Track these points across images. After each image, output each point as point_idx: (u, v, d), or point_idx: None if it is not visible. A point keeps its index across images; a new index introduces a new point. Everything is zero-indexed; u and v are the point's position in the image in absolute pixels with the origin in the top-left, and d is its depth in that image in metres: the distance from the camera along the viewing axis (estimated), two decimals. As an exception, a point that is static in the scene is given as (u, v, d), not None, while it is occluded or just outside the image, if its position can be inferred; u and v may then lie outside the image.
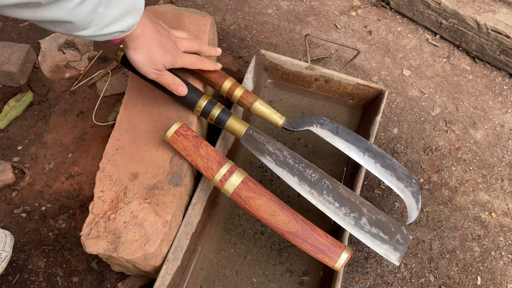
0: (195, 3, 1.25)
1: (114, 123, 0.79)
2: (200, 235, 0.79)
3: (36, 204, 0.89)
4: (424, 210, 0.91)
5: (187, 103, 0.74)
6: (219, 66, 0.77)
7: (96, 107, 1.01)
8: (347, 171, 0.88)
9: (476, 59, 1.15)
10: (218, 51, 0.78)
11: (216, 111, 0.73)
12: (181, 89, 0.70)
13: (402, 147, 1.00)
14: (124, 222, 0.66)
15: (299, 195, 0.86)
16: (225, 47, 1.15)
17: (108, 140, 0.74)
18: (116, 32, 0.53)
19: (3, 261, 0.78)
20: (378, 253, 0.80)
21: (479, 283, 0.83)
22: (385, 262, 0.84)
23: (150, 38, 0.60)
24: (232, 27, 1.20)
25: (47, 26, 0.48)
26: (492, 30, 1.06)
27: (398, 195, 0.91)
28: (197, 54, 0.74)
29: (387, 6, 1.26)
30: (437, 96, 1.08)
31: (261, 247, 0.80)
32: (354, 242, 0.86)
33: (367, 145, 0.75)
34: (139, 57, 0.61)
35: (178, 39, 0.70)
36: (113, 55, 1.11)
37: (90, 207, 0.68)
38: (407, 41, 1.19)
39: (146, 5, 1.21)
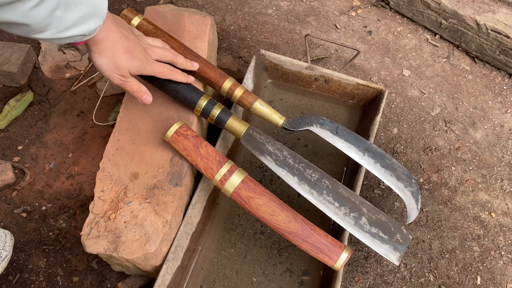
0: (195, 3, 1.25)
1: (114, 123, 0.79)
2: (200, 234, 0.79)
3: (37, 204, 0.89)
4: (423, 210, 0.91)
5: (187, 103, 0.74)
6: (191, 79, 0.74)
7: (96, 107, 1.01)
8: (347, 171, 0.89)
9: (475, 59, 1.15)
10: (195, 65, 0.75)
11: (216, 111, 0.73)
12: (146, 98, 0.69)
13: (402, 147, 1.00)
14: (124, 222, 0.66)
15: (299, 195, 0.86)
16: (225, 47, 1.15)
17: (108, 140, 0.74)
18: (76, 35, 0.52)
19: (3, 261, 0.78)
20: (378, 253, 0.80)
21: (478, 282, 0.83)
22: (385, 262, 0.85)
23: (115, 43, 0.58)
24: (232, 27, 1.20)
25: (3, 27, 0.46)
26: (491, 30, 1.06)
27: (398, 195, 0.91)
28: (171, 64, 0.72)
29: (387, 6, 1.26)
30: (436, 96, 1.08)
31: (261, 246, 0.81)
32: (354, 242, 0.86)
33: (367, 145, 0.75)
34: (103, 62, 0.60)
35: (150, 46, 0.67)
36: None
37: (90, 207, 0.68)
38: (407, 41, 1.19)
39: (146, 5, 1.22)
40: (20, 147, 0.96)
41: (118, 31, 0.59)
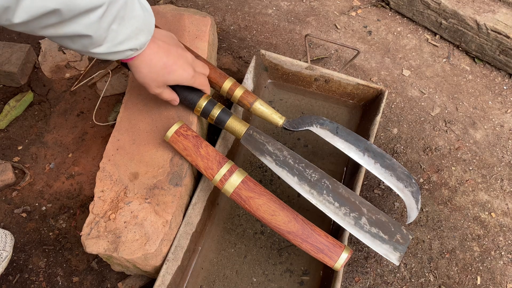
0: (195, 3, 1.25)
1: (114, 123, 0.80)
2: (200, 235, 0.79)
3: (37, 204, 0.89)
4: (423, 210, 0.91)
5: (187, 103, 0.74)
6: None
7: (96, 107, 1.01)
8: (347, 171, 0.89)
9: (475, 59, 1.15)
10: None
11: (216, 111, 0.73)
12: (175, 102, 0.72)
13: (402, 147, 1.00)
14: (124, 222, 0.66)
15: (299, 195, 0.86)
16: (225, 47, 1.15)
17: (108, 140, 0.74)
18: (128, 49, 0.55)
19: (4, 261, 0.78)
20: (378, 253, 0.80)
21: (478, 282, 0.83)
22: (385, 262, 0.85)
23: (151, 59, 0.61)
24: (232, 27, 1.20)
25: (65, 42, 0.50)
26: (491, 30, 1.06)
27: (398, 195, 0.91)
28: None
29: (387, 6, 1.26)
30: (436, 96, 1.08)
31: (261, 247, 0.81)
32: (354, 242, 0.86)
33: (367, 145, 0.75)
34: (140, 76, 0.62)
35: (194, 59, 0.69)
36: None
37: (91, 207, 0.68)
38: (407, 41, 1.19)
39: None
40: (20, 147, 0.96)
41: (156, 46, 0.61)
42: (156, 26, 0.79)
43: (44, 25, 0.45)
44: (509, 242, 0.88)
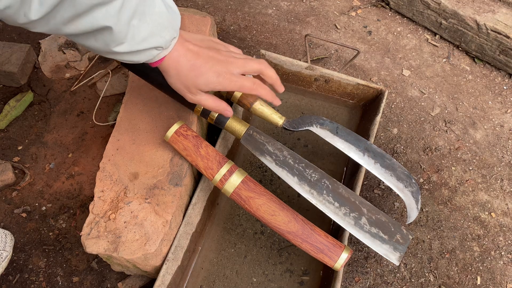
0: (195, 3, 1.25)
1: (114, 123, 0.79)
2: (200, 235, 0.79)
3: (37, 204, 0.89)
4: (423, 210, 0.91)
5: (187, 103, 0.74)
6: (277, 101, 0.68)
7: (96, 107, 1.01)
8: (347, 171, 0.89)
9: (475, 59, 1.15)
10: (281, 89, 0.70)
11: (216, 111, 0.73)
12: (226, 112, 0.66)
13: (402, 147, 1.00)
14: (124, 222, 0.66)
15: (299, 195, 0.86)
16: (225, 47, 1.15)
17: (108, 140, 0.74)
18: (153, 47, 0.52)
19: (4, 261, 0.78)
20: (378, 253, 0.80)
21: (478, 282, 0.83)
22: (385, 262, 0.85)
23: (178, 61, 0.57)
24: (232, 27, 1.20)
25: (89, 41, 0.48)
26: (491, 30, 1.06)
27: (398, 195, 0.91)
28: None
29: (387, 6, 1.26)
30: (436, 96, 1.08)
31: (261, 247, 0.81)
32: (354, 242, 0.86)
33: (367, 145, 0.75)
34: (172, 80, 0.59)
35: (233, 59, 0.61)
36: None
37: (91, 207, 0.68)
38: (407, 41, 1.19)
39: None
40: (20, 147, 0.96)
41: (183, 48, 0.57)
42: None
43: (64, 19, 0.43)
44: (509, 242, 0.88)
